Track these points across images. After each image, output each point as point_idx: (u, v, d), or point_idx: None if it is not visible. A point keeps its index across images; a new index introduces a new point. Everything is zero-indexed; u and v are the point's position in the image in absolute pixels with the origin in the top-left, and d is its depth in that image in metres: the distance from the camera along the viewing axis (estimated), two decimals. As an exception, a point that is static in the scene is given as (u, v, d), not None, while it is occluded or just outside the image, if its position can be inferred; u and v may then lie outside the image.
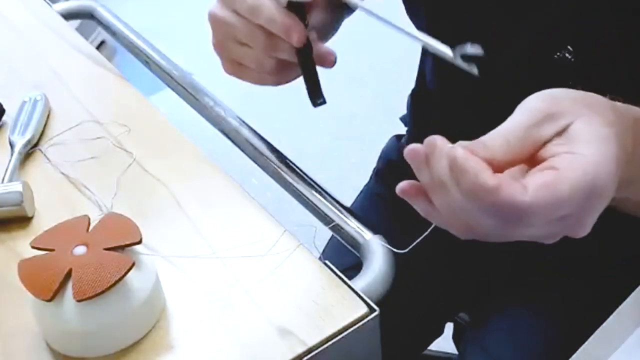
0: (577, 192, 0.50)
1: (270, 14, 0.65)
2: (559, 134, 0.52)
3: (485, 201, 0.49)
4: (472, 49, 0.51)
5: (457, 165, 0.49)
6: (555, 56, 0.70)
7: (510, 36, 0.72)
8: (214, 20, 0.70)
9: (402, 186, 0.55)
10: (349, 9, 0.89)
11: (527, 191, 0.49)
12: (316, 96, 0.69)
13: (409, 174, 1.04)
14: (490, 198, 0.49)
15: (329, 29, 0.87)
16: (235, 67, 0.72)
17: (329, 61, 0.70)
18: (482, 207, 0.50)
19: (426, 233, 0.59)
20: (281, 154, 0.80)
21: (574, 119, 0.52)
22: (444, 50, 0.52)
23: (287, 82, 0.73)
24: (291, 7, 0.65)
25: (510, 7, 0.74)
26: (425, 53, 0.91)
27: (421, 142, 0.60)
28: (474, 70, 0.51)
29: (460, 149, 0.50)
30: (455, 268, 0.94)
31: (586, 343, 0.64)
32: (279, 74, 0.71)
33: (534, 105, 0.53)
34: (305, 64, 0.68)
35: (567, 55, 0.70)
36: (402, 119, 1.06)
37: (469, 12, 0.78)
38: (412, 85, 0.98)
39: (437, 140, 0.52)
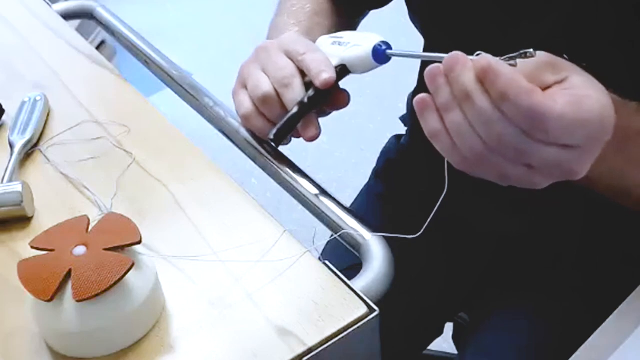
0: (595, 116, 0.53)
1: (315, 53, 0.72)
2: (559, 82, 0.55)
3: (519, 103, 0.51)
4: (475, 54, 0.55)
5: (492, 69, 0.52)
6: None
7: (506, 46, 0.73)
8: (246, 74, 0.76)
9: (418, 98, 0.57)
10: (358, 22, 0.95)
11: (557, 103, 0.52)
12: (285, 133, 0.73)
13: (409, 174, 1.05)
14: (525, 99, 0.51)
15: None
16: (246, 119, 0.77)
17: (343, 102, 0.75)
18: (511, 111, 0.52)
19: (434, 210, 0.61)
20: (281, 154, 0.80)
21: (572, 73, 0.55)
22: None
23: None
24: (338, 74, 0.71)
25: (506, 17, 0.75)
26: (428, 51, 0.91)
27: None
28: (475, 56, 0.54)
29: (490, 57, 0.53)
30: (455, 268, 0.94)
31: (586, 343, 0.64)
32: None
33: (536, 57, 0.56)
34: (306, 105, 0.72)
35: (564, 56, 0.70)
36: (402, 119, 1.06)
37: (463, 23, 0.79)
38: (412, 85, 0.98)
39: (460, 55, 0.54)
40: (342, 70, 0.72)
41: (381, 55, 0.69)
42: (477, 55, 0.55)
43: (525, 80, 0.52)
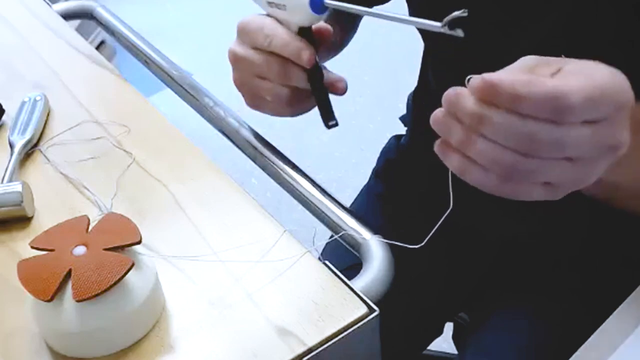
0: (610, 82, 0.52)
1: (283, 39, 0.70)
2: (555, 73, 0.53)
3: (533, 96, 0.50)
4: (457, 12, 0.53)
5: (489, 82, 0.51)
6: None
7: (506, 46, 0.73)
8: (234, 57, 0.75)
9: (437, 146, 0.55)
10: (354, 29, 0.93)
11: (570, 80, 0.51)
12: (328, 118, 0.72)
13: (409, 174, 1.05)
14: (538, 89, 0.50)
15: (336, 48, 0.89)
16: (255, 100, 0.76)
17: (339, 87, 0.73)
18: (530, 108, 0.50)
19: (439, 223, 0.59)
20: (281, 154, 0.80)
21: (565, 63, 0.54)
22: (432, 23, 0.55)
23: (302, 112, 0.76)
24: (302, 33, 0.70)
25: (506, 17, 0.75)
26: (427, 53, 0.92)
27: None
28: (460, 33, 0.52)
29: (480, 76, 0.51)
30: (455, 268, 0.94)
31: (586, 343, 0.64)
32: (295, 105, 0.75)
33: (526, 57, 0.55)
34: (316, 88, 0.72)
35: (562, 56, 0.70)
36: (402, 119, 1.06)
37: (464, 23, 0.79)
38: (412, 85, 0.98)
39: (452, 90, 0.53)
40: (304, 30, 0.71)
41: (318, 4, 0.67)
42: (468, 80, 0.53)
43: (526, 73, 0.52)
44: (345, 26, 0.92)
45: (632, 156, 0.58)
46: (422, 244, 0.60)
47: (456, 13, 0.53)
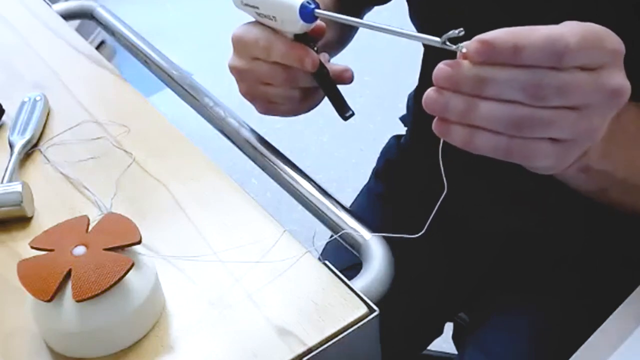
0: (601, 29, 0.53)
1: (281, 49, 0.70)
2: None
3: (533, 43, 0.50)
4: (456, 32, 0.53)
5: (485, 41, 0.50)
6: None
7: None
8: (235, 71, 0.76)
9: (435, 125, 0.55)
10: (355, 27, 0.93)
11: (564, 26, 0.51)
12: (343, 111, 0.72)
13: (409, 174, 1.05)
14: (536, 36, 0.50)
15: (337, 47, 0.89)
16: (267, 106, 0.77)
17: (346, 77, 0.73)
18: (531, 56, 0.50)
19: (434, 211, 0.59)
20: (281, 154, 0.80)
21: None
22: (434, 39, 0.54)
23: (316, 105, 0.77)
24: (298, 38, 0.70)
25: (505, 17, 0.75)
26: (428, 53, 0.92)
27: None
28: (462, 49, 0.52)
29: (474, 39, 0.51)
30: (455, 268, 0.94)
31: (586, 343, 0.64)
32: (307, 101, 0.76)
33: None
34: (324, 85, 0.72)
35: None
36: (402, 119, 1.06)
37: (463, 23, 0.79)
38: (412, 85, 0.98)
39: (443, 64, 0.53)
40: (299, 35, 0.71)
41: (309, 13, 0.68)
42: (448, 40, 0.53)
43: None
44: (344, 25, 0.92)
45: (620, 143, 0.59)
46: (422, 232, 0.60)
47: (453, 32, 0.53)
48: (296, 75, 0.72)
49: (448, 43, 0.53)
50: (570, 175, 0.60)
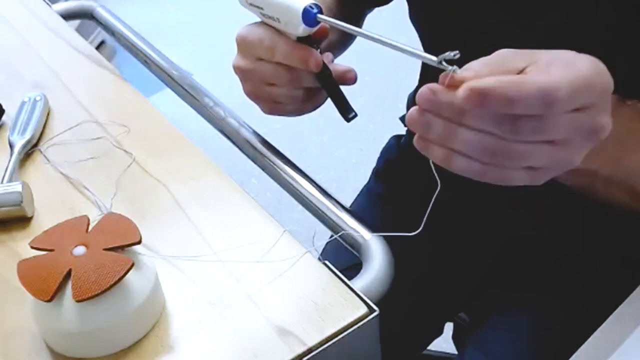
0: (589, 69, 0.53)
1: (285, 50, 0.70)
2: (530, 65, 0.54)
3: (524, 98, 0.50)
4: (452, 54, 0.54)
5: (481, 91, 0.51)
6: None
7: (505, 45, 0.73)
8: (240, 71, 0.76)
9: (415, 142, 0.57)
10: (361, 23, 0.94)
11: (551, 74, 0.51)
12: (346, 112, 0.73)
13: (409, 174, 1.05)
14: (528, 89, 0.50)
15: (340, 48, 0.89)
16: (271, 106, 0.77)
17: (349, 78, 0.74)
18: (521, 107, 0.51)
19: (431, 204, 0.60)
20: (281, 154, 0.80)
21: (538, 54, 0.55)
22: (430, 57, 0.56)
23: (320, 105, 0.77)
24: (302, 40, 0.70)
25: (505, 17, 0.75)
26: (427, 51, 0.92)
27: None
28: (457, 70, 0.53)
29: (465, 86, 0.52)
30: (455, 268, 0.94)
31: (586, 343, 0.64)
32: (311, 101, 0.76)
33: (502, 50, 0.56)
34: (327, 86, 0.72)
35: None
36: (402, 119, 1.06)
37: (463, 22, 0.79)
38: (412, 85, 0.98)
39: (427, 88, 0.54)
40: (305, 38, 0.71)
41: (311, 17, 0.68)
42: (444, 61, 0.54)
43: (509, 75, 0.52)
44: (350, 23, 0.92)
45: (605, 143, 0.59)
46: (419, 229, 0.61)
47: (449, 53, 0.54)
48: (300, 75, 0.72)
49: (444, 63, 0.53)
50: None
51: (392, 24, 1.04)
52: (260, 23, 0.73)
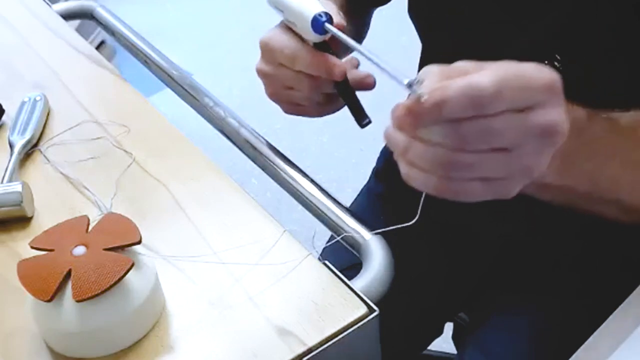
0: (529, 68, 0.52)
1: (306, 59, 0.72)
2: (477, 69, 0.53)
3: (448, 99, 0.50)
4: (416, 79, 0.55)
5: (409, 111, 0.53)
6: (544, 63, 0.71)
7: (505, 45, 0.73)
8: (262, 74, 0.77)
9: (394, 157, 0.57)
10: (367, 25, 0.96)
11: (480, 72, 0.51)
12: (361, 119, 0.74)
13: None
14: (451, 89, 0.50)
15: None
16: (292, 108, 0.79)
17: (368, 83, 0.75)
18: (450, 109, 0.51)
19: (422, 198, 0.60)
20: (281, 154, 0.80)
21: (491, 64, 0.54)
22: (400, 79, 0.57)
23: (340, 108, 0.78)
24: (318, 45, 0.71)
25: (505, 16, 0.75)
26: (425, 51, 0.92)
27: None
28: (424, 96, 0.53)
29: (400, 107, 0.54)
30: (455, 268, 0.94)
31: (586, 343, 0.64)
32: (331, 105, 0.77)
33: (460, 62, 0.55)
34: (344, 93, 0.73)
35: (555, 64, 0.70)
36: (402, 119, 1.06)
37: (463, 22, 0.79)
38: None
39: (396, 104, 0.55)
40: (321, 45, 0.72)
41: (320, 25, 0.69)
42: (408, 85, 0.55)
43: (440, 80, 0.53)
44: (358, 22, 0.92)
45: (580, 159, 0.59)
46: (416, 219, 0.61)
47: (415, 78, 0.55)
48: (320, 82, 0.73)
49: (413, 87, 0.54)
50: (530, 192, 0.60)
51: (391, 25, 1.04)
52: (283, 27, 0.75)
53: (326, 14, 0.69)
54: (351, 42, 0.66)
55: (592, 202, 0.65)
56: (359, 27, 0.94)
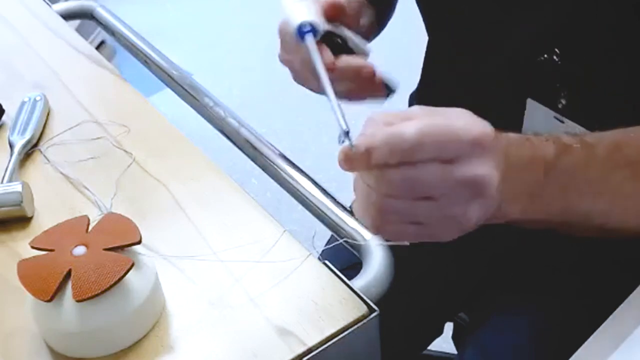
0: (453, 123, 0.53)
1: (305, 57, 0.73)
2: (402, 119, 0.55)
3: (375, 146, 0.53)
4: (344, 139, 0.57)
5: (345, 157, 0.56)
6: (541, 58, 0.71)
7: (502, 44, 0.73)
8: (281, 61, 0.80)
9: None
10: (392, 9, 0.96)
11: (407, 122, 0.53)
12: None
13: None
14: (377, 137, 0.53)
15: (374, 29, 0.91)
16: (318, 88, 0.79)
17: (365, 73, 0.75)
18: (377, 156, 0.53)
19: None
20: (281, 154, 0.80)
21: (419, 111, 0.56)
22: (341, 126, 0.59)
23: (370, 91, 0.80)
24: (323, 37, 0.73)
25: (505, 16, 0.75)
26: (431, 46, 0.91)
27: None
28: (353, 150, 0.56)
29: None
30: (455, 268, 0.94)
31: (586, 343, 0.63)
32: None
33: (414, 107, 0.58)
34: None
35: (554, 57, 0.71)
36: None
37: (463, 21, 0.79)
38: (412, 85, 0.98)
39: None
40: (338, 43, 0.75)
41: (301, 35, 0.71)
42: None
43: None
44: (379, 8, 0.92)
45: (550, 195, 0.59)
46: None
47: (344, 133, 0.57)
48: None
49: (349, 135, 0.57)
50: (503, 222, 0.61)
51: (391, 24, 1.04)
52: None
53: (311, 24, 0.70)
54: (318, 64, 0.67)
55: (572, 229, 0.65)
56: (380, 12, 0.93)
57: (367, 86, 0.76)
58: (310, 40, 0.70)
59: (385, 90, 0.75)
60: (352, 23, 0.80)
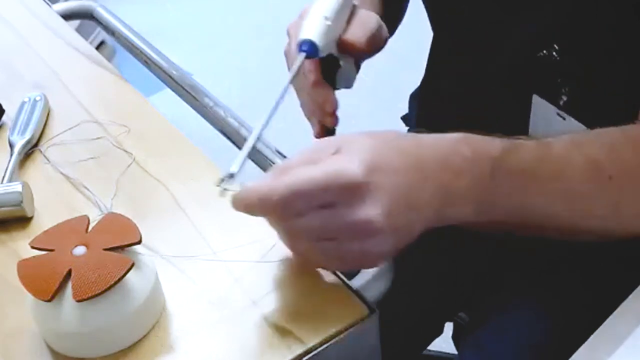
0: (335, 175, 0.55)
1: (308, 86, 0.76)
2: (338, 150, 0.57)
3: (249, 203, 0.57)
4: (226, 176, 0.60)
5: (240, 204, 0.59)
6: (541, 54, 0.71)
7: (503, 37, 0.73)
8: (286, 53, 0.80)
9: None
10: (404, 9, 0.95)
11: (284, 177, 0.56)
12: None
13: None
14: (250, 194, 0.57)
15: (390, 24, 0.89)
16: None
17: (356, 46, 0.74)
18: (260, 209, 0.58)
19: None
20: (281, 154, 0.80)
21: (345, 143, 0.58)
22: (237, 164, 0.62)
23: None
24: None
25: (505, 15, 0.75)
26: (435, 43, 0.91)
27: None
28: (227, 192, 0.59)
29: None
30: (455, 268, 0.94)
31: (586, 343, 0.63)
32: None
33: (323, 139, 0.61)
34: None
35: (553, 53, 0.71)
36: (403, 118, 1.06)
37: (464, 21, 0.79)
38: (413, 85, 0.98)
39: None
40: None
41: (299, 50, 0.71)
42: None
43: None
44: (395, 6, 0.91)
45: (501, 197, 0.60)
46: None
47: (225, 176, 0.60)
48: None
49: (225, 181, 0.60)
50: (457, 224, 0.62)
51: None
52: (301, 16, 0.75)
53: (312, 43, 0.69)
54: (288, 80, 0.69)
55: (532, 231, 0.65)
56: (395, 11, 0.93)
57: (319, 115, 0.77)
58: (300, 58, 0.70)
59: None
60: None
